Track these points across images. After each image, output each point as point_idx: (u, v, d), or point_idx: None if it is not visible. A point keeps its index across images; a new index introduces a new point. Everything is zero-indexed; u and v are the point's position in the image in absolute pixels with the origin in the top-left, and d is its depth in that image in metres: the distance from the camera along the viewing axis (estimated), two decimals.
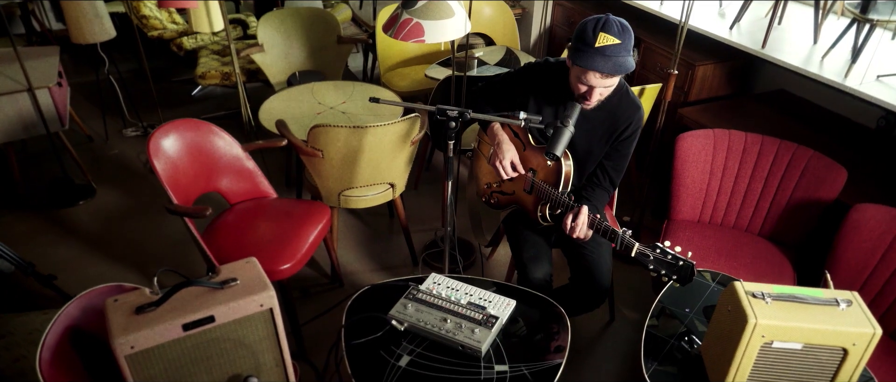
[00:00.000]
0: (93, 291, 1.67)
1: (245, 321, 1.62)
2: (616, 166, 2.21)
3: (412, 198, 3.49)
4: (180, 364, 1.58)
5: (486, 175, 2.48)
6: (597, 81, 1.90)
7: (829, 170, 2.40)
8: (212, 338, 1.59)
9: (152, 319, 1.52)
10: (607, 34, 1.84)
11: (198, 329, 1.55)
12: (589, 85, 1.93)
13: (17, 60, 3.11)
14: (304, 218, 2.51)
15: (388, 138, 2.53)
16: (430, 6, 2.23)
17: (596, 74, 1.89)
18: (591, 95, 1.96)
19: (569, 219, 1.98)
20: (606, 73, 1.87)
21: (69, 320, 1.59)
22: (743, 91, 3.46)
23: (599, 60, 1.85)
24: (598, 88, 1.94)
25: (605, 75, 1.88)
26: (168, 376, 1.57)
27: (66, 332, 1.58)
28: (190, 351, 1.58)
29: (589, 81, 1.92)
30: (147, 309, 1.55)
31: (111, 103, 4.27)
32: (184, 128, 2.47)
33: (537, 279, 2.12)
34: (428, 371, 1.73)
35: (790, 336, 1.53)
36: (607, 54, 1.84)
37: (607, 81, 1.91)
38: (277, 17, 3.69)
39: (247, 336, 1.64)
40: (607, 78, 1.90)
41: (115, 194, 3.47)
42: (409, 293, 1.93)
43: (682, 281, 1.76)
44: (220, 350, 1.62)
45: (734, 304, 1.59)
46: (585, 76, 1.91)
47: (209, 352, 1.61)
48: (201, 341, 1.58)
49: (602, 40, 1.84)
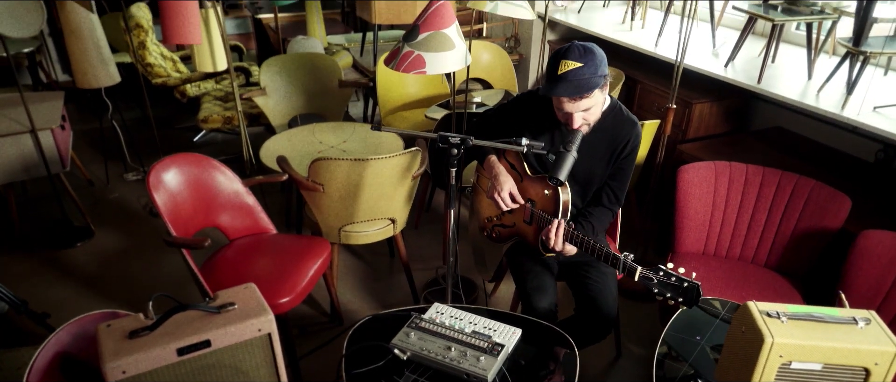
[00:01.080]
0: (85, 317, 1.60)
1: (242, 346, 1.54)
2: (619, 183, 2.19)
3: (413, 237, 3.43)
4: None
5: (486, 209, 2.43)
6: (568, 106, 1.92)
7: (832, 199, 2.36)
8: (207, 364, 1.51)
9: (145, 343, 1.45)
10: (568, 60, 1.87)
11: (193, 354, 1.47)
12: (564, 111, 1.95)
13: (22, 105, 3.10)
14: (304, 253, 2.45)
15: (388, 172, 2.50)
16: (431, 39, 2.24)
17: (563, 99, 1.91)
18: (571, 120, 1.96)
19: (546, 235, 1.98)
20: (571, 96, 1.88)
21: (59, 346, 1.51)
22: (740, 129, 3.46)
23: (561, 86, 1.87)
24: (576, 113, 1.94)
25: (572, 99, 1.90)
26: None
27: (55, 358, 1.50)
28: (185, 378, 1.49)
29: (562, 107, 1.94)
30: (141, 334, 1.47)
31: (113, 149, 4.26)
32: (185, 162, 2.44)
33: (542, 308, 2.05)
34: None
35: (809, 355, 1.45)
36: (569, 79, 1.86)
37: (580, 104, 1.92)
38: (280, 62, 3.71)
39: (244, 363, 1.56)
40: (577, 101, 1.91)
41: (114, 236, 3.41)
42: (412, 322, 1.86)
43: (689, 303, 1.70)
44: (216, 378, 1.54)
45: (748, 324, 1.52)
46: (558, 103, 1.95)
47: (205, 379, 1.52)
48: (196, 367, 1.50)
49: (563, 67, 1.87)
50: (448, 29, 2.26)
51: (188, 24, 2.36)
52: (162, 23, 2.42)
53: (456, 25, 2.30)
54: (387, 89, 3.93)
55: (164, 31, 2.41)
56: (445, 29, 2.26)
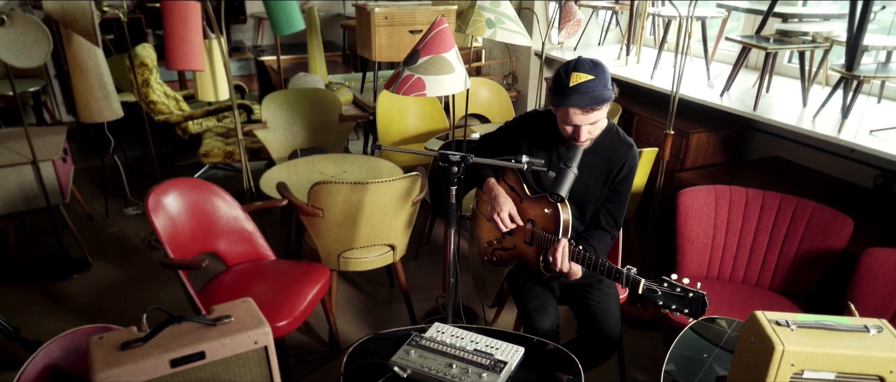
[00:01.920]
0: (77, 331, 1.54)
1: (238, 359, 1.49)
2: (617, 206, 2.16)
3: (412, 268, 3.37)
4: None
5: (486, 234, 2.40)
6: (578, 118, 1.90)
7: (834, 220, 2.33)
8: (201, 378, 1.45)
9: (138, 354, 1.39)
10: (579, 73, 1.87)
11: (187, 366, 1.42)
12: (573, 124, 1.93)
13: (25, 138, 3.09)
14: (303, 278, 2.40)
15: (388, 196, 2.47)
16: (431, 62, 2.24)
17: (576, 111, 1.89)
18: (578, 133, 1.94)
19: (553, 255, 1.93)
20: (584, 107, 1.87)
21: (49, 359, 1.46)
22: (737, 159, 3.45)
23: (575, 97, 1.86)
24: (584, 127, 1.93)
25: (584, 111, 1.89)
26: None
27: (44, 371, 1.44)
28: None
29: (572, 120, 1.92)
30: (133, 345, 1.42)
31: (114, 185, 4.24)
32: (185, 187, 2.41)
33: (544, 328, 1.99)
34: None
35: (822, 363, 1.40)
36: (582, 90, 1.85)
37: (589, 117, 1.90)
38: (281, 96, 3.73)
39: (239, 377, 1.50)
40: (588, 113, 1.89)
41: (111, 269, 3.35)
42: (412, 340, 1.80)
43: (694, 314, 1.66)
44: None
45: (757, 334, 1.47)
46: (567, 116, 1.92)
47: None
48: (190, 380, 1.44)
49: (575, 79, 1.86)
50: (447, 53, 2.27)
51: (192, 50, 2.37)
52: (166, 49, 2.44)
53: (455, 50, 2.31)
54: (387, 124, 3.94)
55: (167, 56, 2.43)
56: (445, 53, 2.27)
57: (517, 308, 2.19)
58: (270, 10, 2.50)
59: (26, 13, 2.70)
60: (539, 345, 1.86)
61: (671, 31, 3.79)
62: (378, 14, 3.99)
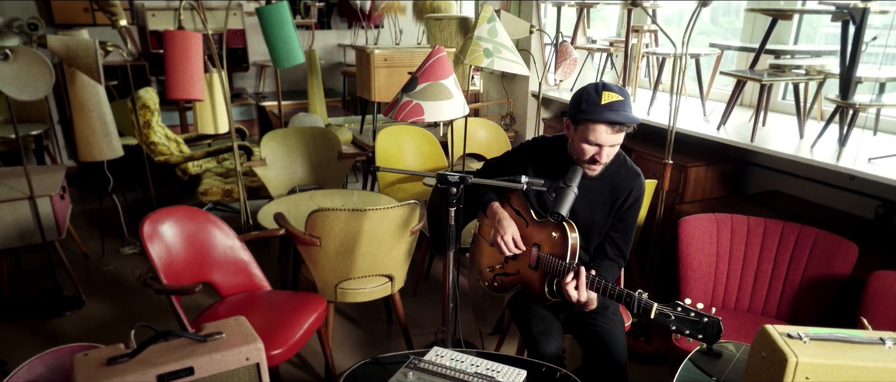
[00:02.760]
0: (61, 349, 1.47)
1: (228, 377, 1.42)
2: (623, 236, 2.11)
3: (411, 304, 3.29)
4: None
5: (487, 259, 2.34)
6: (606, 137, 1.86)
7: (838, 246, 2.28)
8: None
9: (123, 370, 1.32)
10: (610, 92, 1.84)
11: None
12: (598, 144, 1.88)
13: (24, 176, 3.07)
14: (299, 307, 2.33)
15: (386, 224, 2.42)
16: (429, 89, 2.24)
17: (607, 129, 1.84)
18: (600, 155, 1.89)
19: (569, 285, 1.84)
20: (617, 124, 1.83)
21: (31, 375, 1.38)
22: (736, 193, 3.42)
23: (609, 114, 1.82)
24: (606, 148, 1.89)
25: (615, 130, 1.85)
26: None
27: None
28: None
29: (598, 139, 1.86)
30: (119, 361, 1.35)
31: (112, 226, 4.18)
32: (181, 214, 2.37)
33: (549, 353, 1.91)
34: None
35: (837, 376, 1.33)
36: (615, 109, 1.82)
37: (615, 138, 1.87)
38: (281, 135, 3.72)
39: None
40: (616, 133, 1.86)
41: (104, 306, 3.27)
42: (410, 363, 1.72)
43: (709, 340, 1.59)
44: None
45: (769, 347, 1.41)
46: (595, 134, 1.86)
47: None
48: None
49: (607, 98, 1.84)
50: (446, 80, 2.27)
51: (192, 79, 2.37)
52: (166, 78, 2.44)
53: (454, 77, 2.31)
54: (385, 163, 3.92)
55: (167, 85, 2.42)
56: (443, 80, 2.27)
57: (520, 334, 2.11)
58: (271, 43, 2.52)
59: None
60: (545, 372, 1.78)
61: (666, 69, 3.82)
62: (377, 55, 4.03)
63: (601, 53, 4.45)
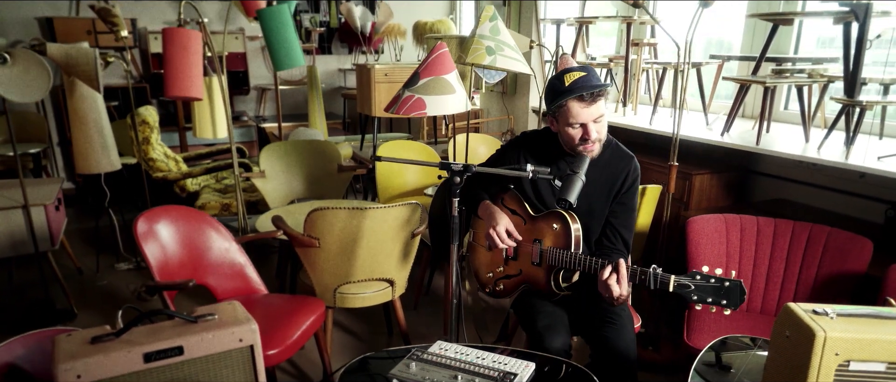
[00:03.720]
0: (45, 331, 1.38)
1: (220, 359, 1.32)
2: (624, 223, 2.04)
3: (412, 317, 3.18)
4: None
5: (487, 265, 2.23)
6: (582, 113, 1.85)
7: (852, 243, 2.20)
8: (178, 378, 1.28)
9: (108, 348, 1.23)
10: (572, 73, 1.86)
11: (162, 362, 1.25)
12: (579, 123, 1.86)
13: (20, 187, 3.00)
14: (297, 309, 2.23)
15: (387, 224, 2.35)
16: (432, 83, 2.19)
17: (579, 105, 1.84)
18: (587, 133, 1.87)
19: (609, 277, 1.74)
20: (586, 92, 1.82)
21: (9, 355, 1.29)
22: (741, 201, 3.35)
23: (575, 92, 1.82)
24: (590, 124, 1.87)
25: (587, 103, 1.84)
26: None
27: (3, 369, 1.26)
28: None
29: (577, 118, 1.85)
30: (104, 339, 1.26)
31: (108, 242, 4.09)
32: (177, 214, 2.29)
33: (555, 348, 1.82)
34: None
35: (869, 352, 1.24)
36: (580, 84, 1.83)
37: (592, 111, 1.85)
38: (280, 147, 3.66)
39: (221, 378, 1.32)
40: (590, 105, 1.84)
41: (96, 320, 3.16)
42: (413, 355, 1.63)
43: (733, 304, 1.52)
44: None
45: (794, 325, 1.32)
46: (571, 114, 1.85)
47: None
48: (165, 379, 1.27)
49: (570, 79, 1.85)
50: (448, 75, 2.22)
51: (191, 77, 2.32)
52: (165, 76, 2.38)
53: (456, 73, 2.26)
54: (386, 178, 3.85)
55: (166, 83, 2.37)
56: (445, 75, 2.22)
57: (525, 331, 2.01)
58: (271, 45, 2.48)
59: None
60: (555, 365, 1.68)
61: (666, 83, 3.79)
62: (378, 70, 4.01)
63: (601, 69, 4.44)
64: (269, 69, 6.14)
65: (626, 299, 1.79)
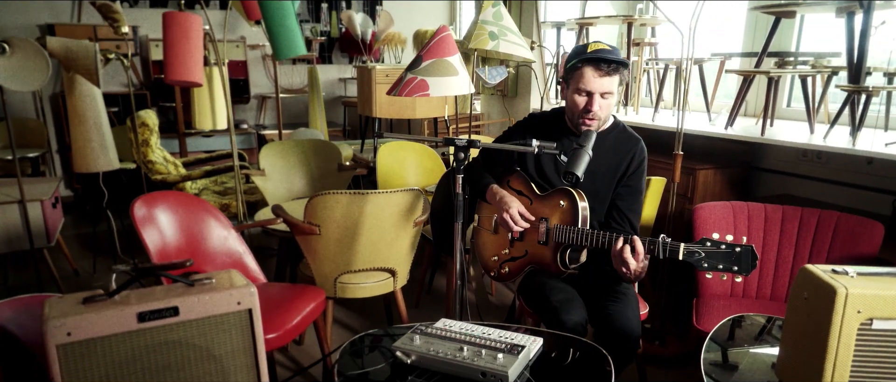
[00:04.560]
0: (35, 296, 1.33)
1: (217, 322, 1.27)
2: (631, 205, 2.01)
3: (413, 314, 3.12)
4: (128, 371, 1.19)
5: (491, 249, 2.19)
6: (594, 82, 1.83)
7: (863, 226, 2.16)
8: (173, 340, 1.23)
9: (100, 307, 1.18)
10: (598, 43, 1.85)
11: (156, 322, 1.20)
12: (588, 91, 1.84)
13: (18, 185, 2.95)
14: (297, 297, 2.17)
15: (389, 210, 2.30)
16: (434, 65, 2.16)
17: (594, 73, 1.82)
18: (591, 104, 1.85)
19: (623, 248, 1.69)
20: (603, 62, 1.81)
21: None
22: (746, 197, 3.30)
23: (595, 60, 1.81)
24: (596, 96, 1.84)
25: (602, 73, 1.82)
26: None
27: None
28: (143, 354, 1.20)
29: (587, 85, 1.84)
30: (97, 300, 1.21)
31: (105, 246, 4.03)
32: (174, 200, 2.25)
33: (572, 322, 1.77)
34: None
35: (892, 308, 1.19)
36: (601, 53, 1.81)
37: (604, 83, 1.83)
38: (280, 146, 3.63)
39: (217, 346, 1.27)
40: (603, 77, 1.82)
41: None
42: (417, 329, 1.57)
43: (745, 269, 1.48)
44: (182, 360, 1.24)
45: (812, 286, 1.27)
46: (583, 80, 1.84)
47: (167, 360, 1.23)
48: (159, 342, 1.21)
49: (593, 47, 1.84)
50: (451, 57, 2.20)
51: (191, 62, 2.29)
52: (165, 61, 2.35)
53: (459, 56, 2.23)
54: (386, 176, 3.81)
55: (166, 67, 2.33)
56: (448, 57, 2.19)
57: (536, 311, 1.95)
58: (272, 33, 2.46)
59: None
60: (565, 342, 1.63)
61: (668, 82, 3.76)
62: (379, 71, 3.99)
63: None
64: (269, 78, 6.13)
65: (642, 273, 1.73)
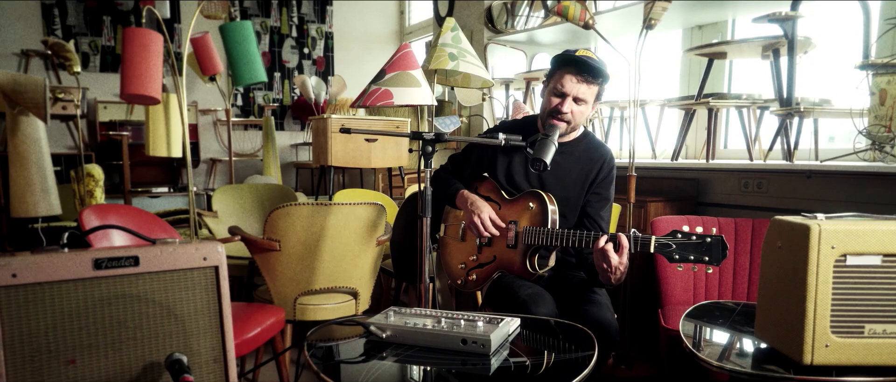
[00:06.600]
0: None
1: (180, 278, 1.15)
2: (601, 213, 2.00)
3: None
4: (78, 324, 1.06)
5: (458, 257, 2.13)
6: (571, 85, 1.84)
7: None
8: (130, 294, 1.10)
9: (52, 252, 1.06)
10: (588, 51, 1.87)
11: (113, 271, 1.08)
12: (563, 93, 1.85)
13: None
14: (255, 312, 2.03)
15: (352, 225, 2.22)
16: (398, 77, 2.18)
17: (573, 78, 1.83)
18: (563, 105, 1.85)
19: (606, 244, 1.65)
20: (582, 74, 1.82)
21: None
22: None
23: (579, 63, 1.83)
24: (569, 99, 1.85)
25: (580, 79, 1.83)
26: (55, 337, 1.04)
27: None
28: (97, 307, 1.07)
29: (564, 87, 1.84)
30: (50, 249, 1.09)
31: None
32: (125, 214, 2.10)
33: (543, 314, 1.70)
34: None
35: (865, 243, 1.20)
36: (584, 59, 1.83)
37: (580, 89, 1.84)
38: (234, 189, 3.51)
39: (179, 304, 1.15)
40: (580, 83, 1.83)
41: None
42: (391, 309, 1.48)
43: (715, 259, 1.47)
44: (139, 316, 1.11)
45: (784, 232, 1.28)
46: (561, 81, 1.85)
47: (123, 316, 1.10)
48: (115, 293, 1.09)
49: (582, 52, 1.86)
50: (414, 71, 2.22)
51: (149, 76, 2.21)
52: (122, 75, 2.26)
53: (421, 71, 2.26)
54: None
55: (122, 82, 2.24)
56: (411, 70, 2.21)
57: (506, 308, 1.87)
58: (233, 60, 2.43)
59: None
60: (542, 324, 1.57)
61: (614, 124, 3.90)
62: (334, 121, 3.98)
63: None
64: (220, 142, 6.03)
65: (624, 274, 1.70)
